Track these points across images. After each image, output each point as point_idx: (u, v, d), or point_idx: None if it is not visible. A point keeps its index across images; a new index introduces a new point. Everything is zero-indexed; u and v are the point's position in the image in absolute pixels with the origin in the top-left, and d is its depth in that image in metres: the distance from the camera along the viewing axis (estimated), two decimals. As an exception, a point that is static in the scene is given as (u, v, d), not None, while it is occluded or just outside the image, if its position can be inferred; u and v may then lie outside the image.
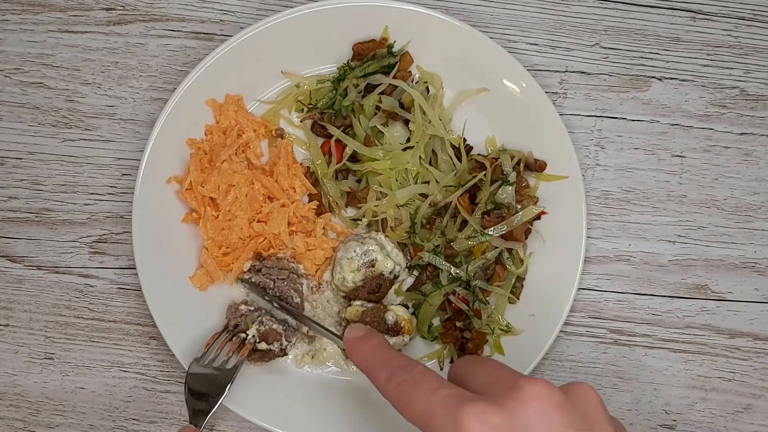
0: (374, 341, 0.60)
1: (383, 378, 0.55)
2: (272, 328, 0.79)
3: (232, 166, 0.82)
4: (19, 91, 0.87)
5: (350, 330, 0.63)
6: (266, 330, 0.79)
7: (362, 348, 0.59)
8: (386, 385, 0.54)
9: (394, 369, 0.55)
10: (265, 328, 0.79)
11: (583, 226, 0.82)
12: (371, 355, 0.58)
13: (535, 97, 0.83)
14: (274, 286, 0.82)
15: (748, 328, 0.88)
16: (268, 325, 0.79)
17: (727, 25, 0.90)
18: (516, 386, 0.48)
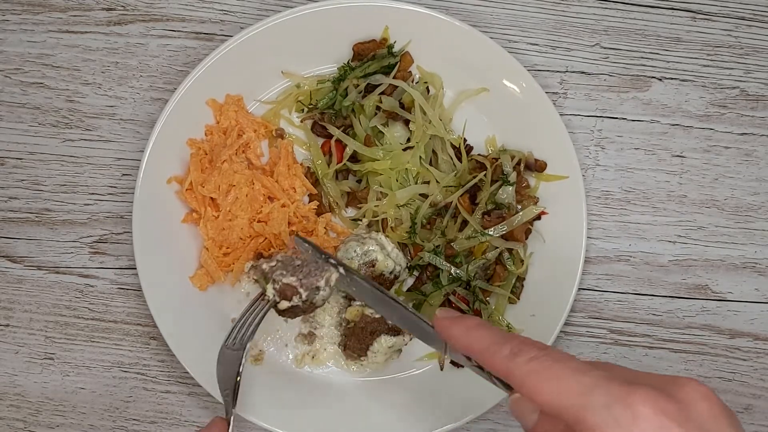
0: (474, 320, 0.55)
1: (506, 352, 0.49)
2: (286, 282, 0.73)
3: (232, 167, 0.82)
4: (19, 91, 0.87)
5: (442, 311, 0.58)
6: (281, 286, 0.73)
7: (463, 325, 0.54)
8: (511, 360, 0.49)
9: (520, 344, 0.50)
10: (280, 285, 0.73)
11: (583, 226, 0.82)
12: (478, 332, 0.53)
13: (536, 97, 0.83)
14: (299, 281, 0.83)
15: (749, 328, 0.87)
16: (280, 280, 0.73)
17: (728, 25, 0.90)
18: (677, 381, 0.44)
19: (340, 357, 0.83)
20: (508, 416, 0.86)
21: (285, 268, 0.74)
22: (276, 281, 0.73)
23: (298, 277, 0.73)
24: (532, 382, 0.47)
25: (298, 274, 0.74)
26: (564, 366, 0.46)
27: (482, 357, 0.51)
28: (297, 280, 0.73)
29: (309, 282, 0.73)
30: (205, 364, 0.80)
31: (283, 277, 0.73)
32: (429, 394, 0.83)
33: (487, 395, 0.80)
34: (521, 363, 0.48)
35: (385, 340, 0.80)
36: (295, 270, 0.74)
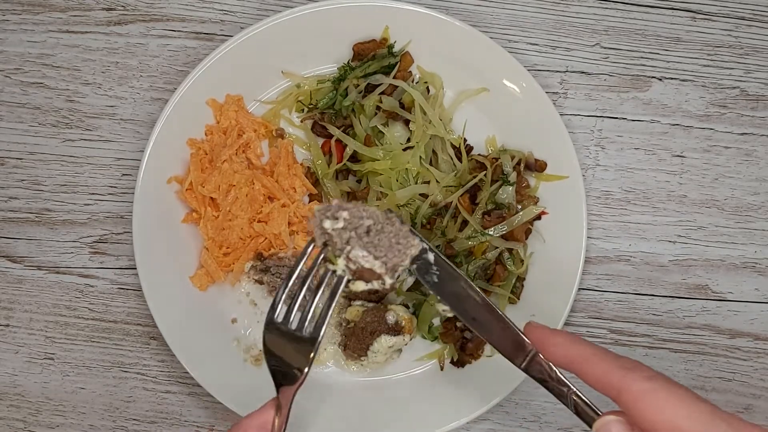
0: (572, 333, 0.55)
1: (619, 366, 0.49)
2: (364, 267, 0.57)
3: (232, 166, 0.82)
4: (19, 91, 0.87)
5: (533, 322, 0.57)
6: (358, 268, 0.57)
7: (568, 336, 0.54)
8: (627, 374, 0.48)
9: (634, 361, 0.50)
10: (357, 266, 0.57)
11: (583, 226, 0.82)
12: (585, 344, 0.53)
13: (536, 97, 0.83)
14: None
15: (749, 328, 0.87)
16: (358, 262, 0.57)
17: (728, 25, 0.90)
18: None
19: (340, 357, 0.83)
20: (507, 416, 0.86)
21: (355, 230, 0.57)
22: (352, 260, 0.57)
23: (378, 255, 0.57)
24: (652, 400, 0.47)
25: (376, 248, 0.57)
26: (685, 390, 0.47)
27: (591, 367, 0.51)
28: (379, 262, 0.57)
29: (393, 262, 0.57)
30: (205, 364, 0.80)
31: (360, 256, 0.56)
32: (429, 393, 0.83)
33: (486, 395, 0.80)
34: (639, 379, 0.48)
35: (385, 340, 0.80)
36: (371, 240, 0.57)
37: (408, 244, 0.57)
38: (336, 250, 0.57)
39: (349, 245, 0.57)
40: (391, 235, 0.57)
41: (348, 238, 0.57)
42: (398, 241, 0.58)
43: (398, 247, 0.57)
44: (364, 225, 0.57)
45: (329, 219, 0.57)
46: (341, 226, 0.57)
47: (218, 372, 0.80)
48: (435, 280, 0.60)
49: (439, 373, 0.84)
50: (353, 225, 0.57)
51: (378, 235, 0.57)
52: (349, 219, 0.56)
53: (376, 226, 0.57)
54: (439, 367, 0.84)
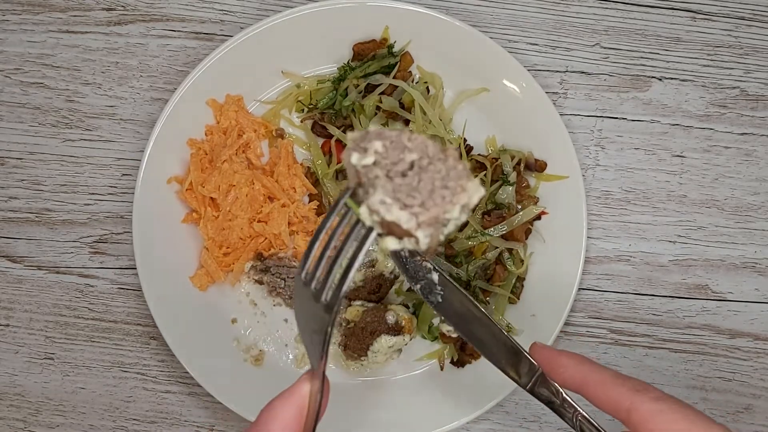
0: (578, 354, 0.54)
1: (629, 387, 0.49)
2: (386, 219, 0.41)
3: (232, 167, 0.82)
4: (19, 92, 0.87)
5: (539, 342, 0.56)
6: (383, 220, 0.41)
7: (574, 357, 0.54)
8: (636, 395, 0.49)
9: (642, 382, 0.50)
10: (380, 217, 0.41)
11: (583, 226, 0.82)
12: (591, 365, 0.53)
13: (536, 97, 0.83)
14: (285, 285, 0.82)
15: (749, 328, 0.87)
16: (378, 211, 0.41)
17: (728, 25, 0.90)
18: None
19: (340, 357, 0.83)
20: (507, 416, 0.86)
21: (390, 168, 0.42)
22: (372, 209, 0.41)
23: (408, 202, 0.41)
24: (662, 421, 0.47)
25: (409, 192, 0.41)
26: (694, 411, 0.47)
27: (599, 388, 0.51)
28: (406, 212, 0.41)
29: (430, 214, 0.41)
30: (205, 364, 0.80)
31: (379, 202, 0.41)
32: (429, 394, 0.83)
33: (486, 395, 0.80)
34: (647, 400, 0.48)
35: (385, 340, 0.80)
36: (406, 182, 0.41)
37: (459, 189, 0.41)
38: (363, 194, 0.42)
39: (373, 188, 0.41)
40: (438, 175, 0.41)
41: (374, 178, 0.41)
42: (445, 184, 0.41)
43: (443, 193, 0.41)
44: (406, 161, 0.41)
45: (357, 152, 0.42)
46: (371, 161, 0.42)
47: (218, 372, 0.80)
48: (439, 300, 0.61)
49: (439, 373, 0.84)
50: (390, 160, 0.42)
51: (419, 175, 0.41)
52: (383, 152, 0.42)
53: (422, 161, 0.42)
54: (439, 367, 0.84)
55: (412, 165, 0.42)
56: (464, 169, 0.41)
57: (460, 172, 0.41)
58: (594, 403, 0.51)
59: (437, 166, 0.42)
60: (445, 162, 0.42)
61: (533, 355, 0.57)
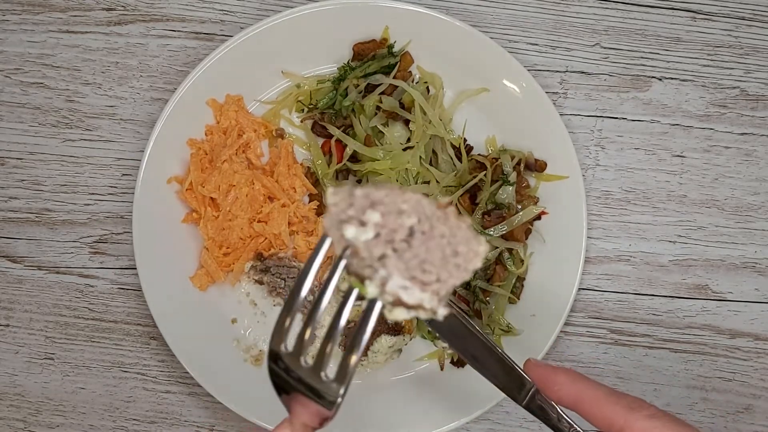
0: (573, 371, 0.54)
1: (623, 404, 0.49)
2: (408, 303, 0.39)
3: (232, 167, 0.82)
4: (19, 92, 0.87)
5: (532, 359, 0.56)
6: (394, 298, 0.39)
7: (569, 374, 0.53)
8: (631, 413, 0.48)
9: (637, 399, 0.50)
10: (395, 298, 0.39)
11: (583, 226, 0.82)
12: (586, 382, 0.52)
13: (536, 97, 0.83)
14: (285, 285, 0.82)
15: (749, 328, 0.87)
16: (398, 295, 0.39)
17: (728, 25, 0.90)
18: None
19: (340, 356, 0.83)
20: (507, 416, 0.86)
21: (392, 240, 0.38)
22: (388, 292, 0.39)
23: (427, 280, 0.38)
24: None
25: (423, 268, 0.38)
26: (688, 428, 0.47)
27: (593, 406, 0.51)
28: (429, 293, 0.39)
29: (449, 286, 0.39)
30: (205, 364, 0.80)
31: (400, 287, 0.38)
32: (429, 393, 0.83)
33: (487, 395, 0.79)
34: (641, 418, 0.48)
35: (385, 340, 0.80)
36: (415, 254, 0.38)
37: (471, 255, 0.38)
38: (363, 267, 0.39)
39: (385, 269, 0.38)
40: (444, 241, 0.38)
41: (382, 256, 0.38)
42: (455, 250, 0.38)
43: (456, 261, 0.38)
44: (405, 226, 0.38)
45: (353, 226, 0.38)
46: (371, 236, 0.38)
47: (218, 372, 0.80)
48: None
49: (439, 373, 0.84)
50: (389, 229, 0.38)
51: (426, 243, 0.38)
52: (382, 223, 0.38)
53: (422, 225, 0.38)
54: (439, 367, 0.84)
55: (411, 230, 0.39)
56: (468, 228, 0.39)
57: (466, 233, 0.39)
58: (588, 420, 0.52)
59: (440, 228, 0.39)
60: (446, 221, 0.39)
61: (528, 373, 0.57)
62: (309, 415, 0.43)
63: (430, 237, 0.38)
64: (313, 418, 0.43)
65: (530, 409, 0.57)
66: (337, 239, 0.39)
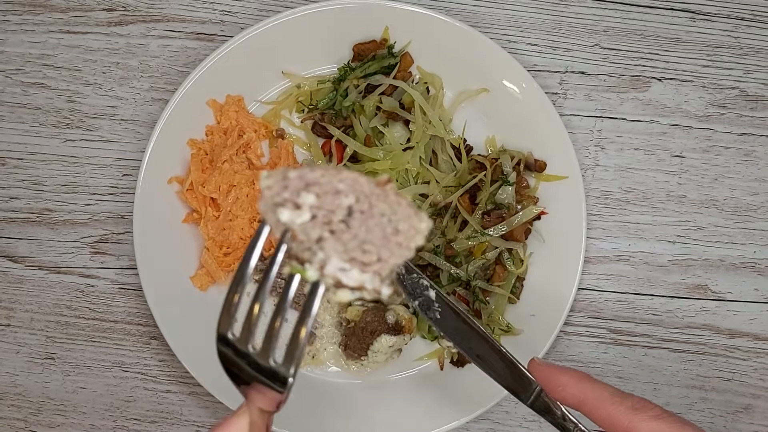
0: (579, 371, 0.54)
1: (628, 406, 0.49)
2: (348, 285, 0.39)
3: (232, 167, 0.82)
4: (20, 92, 0.87)
5: (537, 359, 0.57)
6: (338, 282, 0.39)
7: (574, 375, 0.54)
8: (635, 414, 0.49)
9: (641, 400, 0.50)
10: (336, 280, 0.39)
11: (583, 226, 0.82)
12: (591, 383, 0.53)
13: (535, 98, 0.83)
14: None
15: (748, 328, 0.87)
16: (337, 278, 0.38)
17: (727, 26, 0.90)
18: None
19: (341, 357, 0.83)
20: (507, 416, 0.86)
21: (329, 222, 0.38)
22: (327, 275, 0.38)
23: (368, 261, 0.38)
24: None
25: (363, 248, 0.37)
26: (691, 428, 0.48)
27: (598, 407, 0.51)
28: (370, 274, 0.38)
29: (391, 266, 0.38)
30: (206, 364, 0.80)
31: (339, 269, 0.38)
32: (429, 393, 0.83)
33: (487, 395, 0.80)
34: (646, 419, 0.48)
35: (385, 340, 0.80)
36: (354, 235, 0.38)
37: (412, 231, 0.38)
38: (303, 251, 0.38)
39: (323, 252, 0.37)
40: (384, 219, 0.38)
41: (319, 238, 0.37)
42: (396, 227, 0.38)
43: (396, 240, 0.38)
44: (343, 206, 0.37)
45: (288, 209, 0.37)
46: (307, 218, 0.38)
47: (219, 372, 0.79)
48: (437, 316, 0.60)
49: (439, 373, 0.84)
50: (326, 210, 0.37)
51: (365, 222, 0.37)
52: (318, 204, 0.37)
53: (360, 204, 0.38)
54: (439, 366, 0.84)
55: (350, 209, 0.38)
56: (408, 204, 0.38)
57: (406, 210, 0.38)
58: (593, 420, 0.52)
59: (379, 206, 0.38)
60: (386, 199, 0.38)
61: (532, 373, 0.57)
62: (263, 399, 0.43)
63: (369, 216, 0.37)
64: (269, 403, 0.43)
65: (536, 409, 0.58)
66: (274, 223, 0.38)
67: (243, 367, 0.42)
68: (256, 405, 0.43)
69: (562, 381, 0.54)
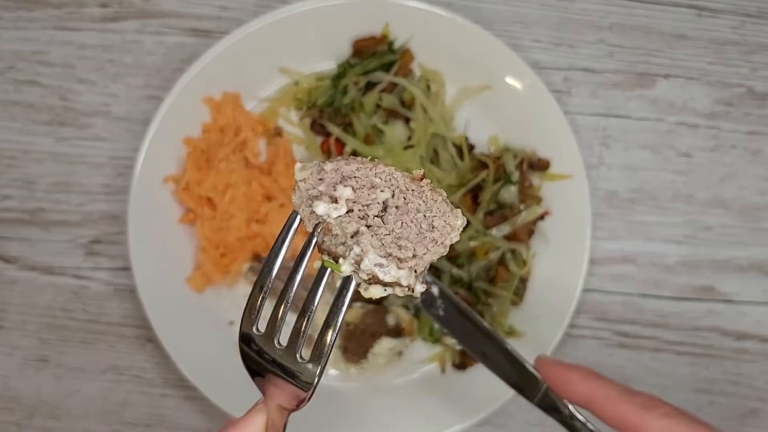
0: (586, 368, 0.53)
1: (637, 403, 0.48)
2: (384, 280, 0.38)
3: (229, 165, 0.82)
4: (13, 89, 0.86)
5: (543, 355, 0.56)
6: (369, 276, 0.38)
7: (581, 372, 0.53)
8: (645, 412, 0.48)
9: (651, 398, 0.49)
10: (371, 275, 0.38)
11: (587, 226, 0.81)
12: (600, 380, 0.51)
13: (539, 95, 0.82)
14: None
15: (756, 330, 0.86)
16: (373, 273, 0.38)
17: (733, 22, 0.89)
18: None
19: (340, 360, 0.82)
20: (510, 420, 0.85)
21: (365, 217, 0.38)
22: (363, 270, 0.38)
23: (404, 257, 0.37)
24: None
25: (399, 244, 0.37)
26: (702, 426, 0.46)
27: (606, 405, 0.50)
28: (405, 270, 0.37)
29: (426, 262, 0.38)
30: (202, 367, 0.79)
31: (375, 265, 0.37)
32: (430, 397, 0.82)
33: (489, 398, 0.79)
34: (656, 417, 0.47)
35: (385, 343, 0.80)
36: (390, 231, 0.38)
37: (448, 228, 0.38)
38: (337, 245, 0.38)
39: (359, 246, 0.37)
40: (420, 215, 0.38)
41: (355, 232, 0.37)
42: (431, 224, 0.38)
43: (432, 236, 0.38)
44: (379, 201, 0.38)
45: (324, 202, 0.38)
46: (344, 212, 0.38)
47: (215, 375, 0.79)
48: (441, 313, 0.61)
49: (441, 377, 0.83)
50: (361, 204, 0.37)
51: (401, 217, 0.37)
52: (354, 198, 0.37)
53: (396, 199, 0.38)
54: (441, 370, 0.83)
55: (385, 204, 0.38)
56: (444, 200, 0.38)
57: (442, 207, 0.38)
58: (602, 419, 0.51)
59: (415, 202, 0.38)
60: (421, 195, 0.38)
61: (538, 370, 0.56)
62: (285, 396, 0.42)
63: (404, 211, 0.38)
64: (290, 400, 0.42)
65: (542, 407, 0.57)
66: (308, 216, 0.39)
67: (265, 364, 0.42)
68: (275, 401, 0.43)
69: (569, 378, 0.53)
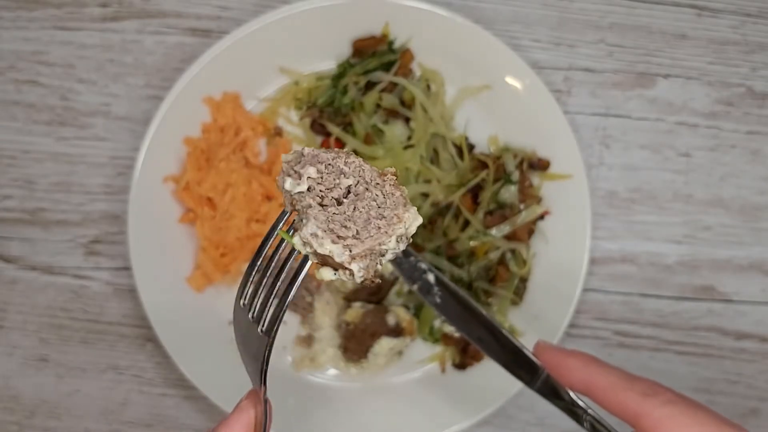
0: (586, 354, 0.52)
1: (638, 391, 0.47)
2: (318, 251, 0.40)
3: (229, 165, 0.81)
4: (13, 89, 0.86)
5: (543, 341, 0.55)
6: (316, 251, 0.40)
7: (581, 358, 0.52)
8: (646, 399, 0.47)
9: (653, 385, 0.48)
10: (312, 248, 0.40)
11: (587, 226, 0.81)
12: (600, 367, 0.51)
13: (539, 95, 0.82)
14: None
15: (755, 329, 0.86)
16: (309, 242, 0.39)
17: (733, 22, 0.89)
18: None
19: (340, 359, 0.82)
20: (510, 420, 0.85)
21: (323, 194, 0.40)
22: (304, 240, 0.39)
23: (342, 234, 0.39)
24: (673, 426, 0.45)
25: (344, 223, 0.39)
26: (708, 413, 0.45)
27: (607, 393, 0.49)
28: (339, 246, 0.39)
29: (364, 247, 0.39)
30: (202, 367, 0.79)
31: (310, 234, 0.39)
32: (430, 397, 0.82)
33: (489, 398, 0.79)
34: (658, 404, 0.46)
35: (385, 342, 0.80)
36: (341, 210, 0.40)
37: (395, 219, 0.39)
38: (298, 221, 0.40)
39: (306, 218, 0.39)
40: (374, 203, 0.40)
41: (307, 207, 0.39)
42: (381, 213, 0.40)
43: (378, 223, 0.39)
44: (342, 186, 0.40)
45: (291, 177, 0.40)
46: (304, 188, 0.40)
47: (215, 375, 0.79)
48: (438, 300, 0.60)
49: (441, 376, 0.83)
50: (325, 185, 0.40)
51: (355, 203, 0.40)
52: (317, 178, 0.40)
53: (358, 187, 0.40)
54: (441, 369, 0.83)
55: (348, 191, 0.40)
56: (401, 196, 0.40)
57: (397, 200, 0.40)
58: (602, 406, 0.50)
59: (374, 192, 0.40)
60: (382, 188, 0.40)
61: (538, 356, 0.56)
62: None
63: (361, 198, 0.40)
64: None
65: (543, 394, 0.56)
66: (287, 199, 0.41)
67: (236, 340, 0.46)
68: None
69: (568, 365, 0.52)
